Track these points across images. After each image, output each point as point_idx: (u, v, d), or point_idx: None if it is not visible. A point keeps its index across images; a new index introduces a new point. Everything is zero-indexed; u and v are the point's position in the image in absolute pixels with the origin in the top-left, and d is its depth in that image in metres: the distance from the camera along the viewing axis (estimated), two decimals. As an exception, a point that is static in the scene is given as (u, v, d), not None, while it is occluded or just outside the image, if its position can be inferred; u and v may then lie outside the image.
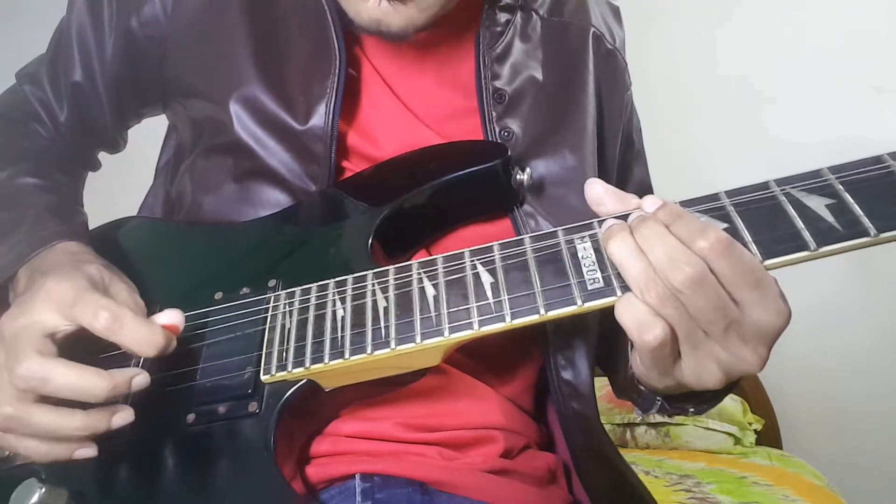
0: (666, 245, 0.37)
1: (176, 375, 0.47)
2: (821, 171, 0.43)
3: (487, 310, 0.43)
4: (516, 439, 0.54)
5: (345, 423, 0.49)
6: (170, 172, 0.65)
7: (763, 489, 1.57)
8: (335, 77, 0.56)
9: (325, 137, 0.55)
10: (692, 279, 0.36)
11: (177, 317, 0.44)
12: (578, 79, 0.62)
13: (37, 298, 0.42)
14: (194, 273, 0.56)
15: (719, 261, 0.37)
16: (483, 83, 0.58)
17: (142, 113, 0.68)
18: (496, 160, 0.55)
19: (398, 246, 0.55)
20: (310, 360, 0.45)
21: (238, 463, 0.43)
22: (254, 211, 0.57)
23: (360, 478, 0.47)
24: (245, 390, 0.45)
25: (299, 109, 0.56)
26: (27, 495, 0.42)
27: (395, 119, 0.58)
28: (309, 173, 0.56)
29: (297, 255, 0.53)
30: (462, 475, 0.48)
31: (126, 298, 0.46)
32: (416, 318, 0.44)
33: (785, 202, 0.42)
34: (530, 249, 0.45)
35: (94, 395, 0.41)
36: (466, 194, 0.56)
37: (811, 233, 0.40)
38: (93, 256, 0.51)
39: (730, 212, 0.42)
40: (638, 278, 0.38)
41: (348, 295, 0.47)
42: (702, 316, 0.37)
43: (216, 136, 0.58)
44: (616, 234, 0.40)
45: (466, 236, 0.56)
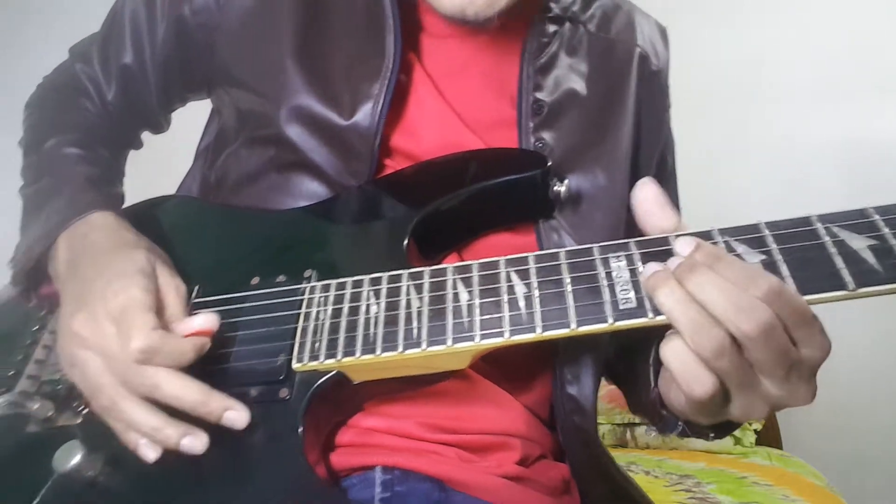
0: (728, 293, 0.37)
1: (211, 357, 0.48)
2: (866, 210, 0.43)
3: (519, 320, 0.44)
4: (532, 447, 0.55)
5: (369, 416, 0.50)
6: (210, 156, 0.66)
7: (763, 489, 1.56)
8: (386, 80, 0.56)
9: (370, 136, 0.56)
10: (765, 325, 0.36)
11: (210, 321, 0.46)
12: (619, 98, 0.62)
13: (97, 306, 0.45)
14: (233, 256, 0.57)
15: (778, 304, 0.37)
16: (524, 94, 0.59)
17: (187, 97, 0.70)
18: (536, 170, 0.55)
19: (431, 247, 0.56)
20: (342, 352, 0.46)
21: (266, 446, 0.45)
22: (293, 201, 0.58)
23: (381, 470, 0.48)
24: (277, 376, 0.47)
25: (344, 106, 0.57)
26: (69, 456, 0.44)
27: (441, 121, 0.59)
28: (349, 170, 0.57)
29: (334, 248, 0.55)
30: (479, 477, 0.49)
31: (167, 293, 0.48)
32: (448, 322, 0.45)
33: (826, 239, 0.42)
34: (565, 265, 0.45)
35: (192, 409, 0.44)
36: (503, 201, 0.57)
37: (851, 273, 0.40)
38: (134, 235, 0.53)
39: (769, 243, 0.43)
40: (693, 329, 0.37)
41: (383, 293, 0.48)
42: (765, 363, 0.37)
43: (260, 127, 0.59)
44: (663, 283, 0.39)
45: (494, 243, 0.57)
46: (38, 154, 0.62)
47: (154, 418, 0.43)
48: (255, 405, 0.46)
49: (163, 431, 0.43)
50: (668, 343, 0.39)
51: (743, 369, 0.38)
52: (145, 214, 0.63)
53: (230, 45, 0.61)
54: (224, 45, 0.62)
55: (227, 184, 0.62)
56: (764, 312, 0.36)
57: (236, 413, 0.44)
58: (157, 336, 0.43)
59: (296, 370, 0.47)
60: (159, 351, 0.43)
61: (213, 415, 0.44)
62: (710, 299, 0.37)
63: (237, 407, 0.45)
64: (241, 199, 0.61)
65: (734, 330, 0.37)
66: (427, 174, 0.58)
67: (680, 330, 0.38)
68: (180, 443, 0.44)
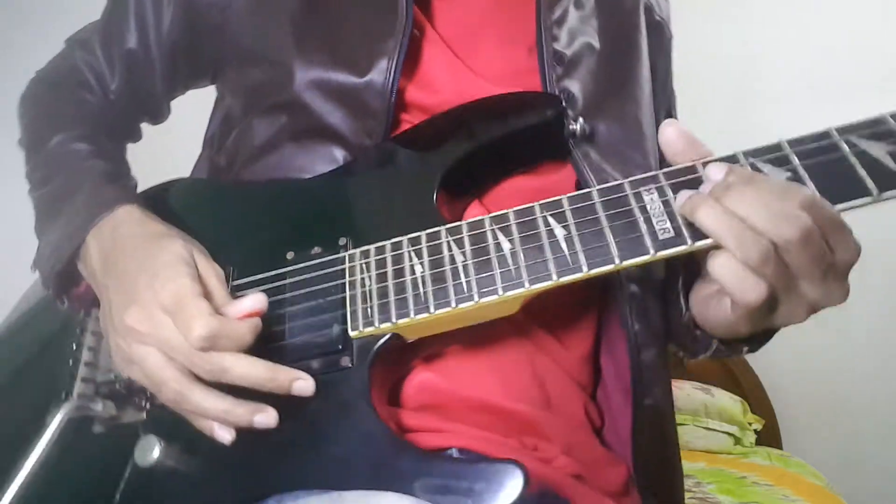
0: (767, 205, 0.39)
1: (265, 336, 0.49)
2: (882, 117, 0.45)
3: (564, 262, 0.46)
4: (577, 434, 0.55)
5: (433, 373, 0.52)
6: (216, 143, 0.65)
7: (763, 489, 1.59)
8: (400, 35, 0.56)
9: (385, 93, 0.56)
10: (805, 231, 0.39)
11: (260, 301, 0.47)
12: (632, 47, 0.64)
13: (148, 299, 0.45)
14: (262, 233, 0.57)
15: (813, 213, 0.39)
16: (544, 45, 0.59)
17: (191, 83, 0.69)
18: (552, 110, 0.56)
19: (457, 197, 0.57)
20: (396, 315, 0.47)
21: (339, 414, 0.47)
22: (311, 166, 0.58)
23: (456, 452, 0.49)
24: (336, 346, 0.48)
25: (359, 63, 0.56)
26: (150, 450, 0.45)
27: (455, 73, 0.59)
28: (365, 128, 0.57)
29: (364, 213, 0.55)
30: (546, 470, 0.51)
31: (216, 285, 0.48)
32: (496, 272, 0.46)
33: (846, 149, 0.44)
34: (599, 203, 0.47)
35: (261, 385, 0.44)
36: (521, 145, 0.57)
37: (874, 179, 0.42)
38: (164, 226, 0.52)
39: (792, 160, 0.45)
40: (738, 241, 0.39)
41: (424, 252, 0.49)
42: (804, 266, 0.40)
43: (272, 95, 0.58)
44: (702, 203, 0.41)
45: (518, 187, 0.58)
46: (45, 153, 0.60)
47: (223, 402, 0.45)
48: (320, 376, 0.47)
49: (234, 412, 0.45)
50: (715, 258, 0.41)
51: (787, 273, 0.40)
52: (163, 200, 0.62)
53: (241, 20, 0.60)
54: (235, 21, 0.60)
55: (240, 160, 0.61)
56: (804, 219, 0.39)
57: (304, 382, 0.46)
58: (216, 322, 0.43)
59: (353, 338, 0.48)
60: (221, 335, 0.43)
61: (283, 388, 0.45)
62: (752, 212, 0.40)
63: (303, 376, 0.46)
64: (256, 173, 0.60)
65: (776, 237, 0.39)
66: (444, 126, 0.58)
67: (725, 244, 0.40)
68: (253, 420, 0.45)
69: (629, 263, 0.45)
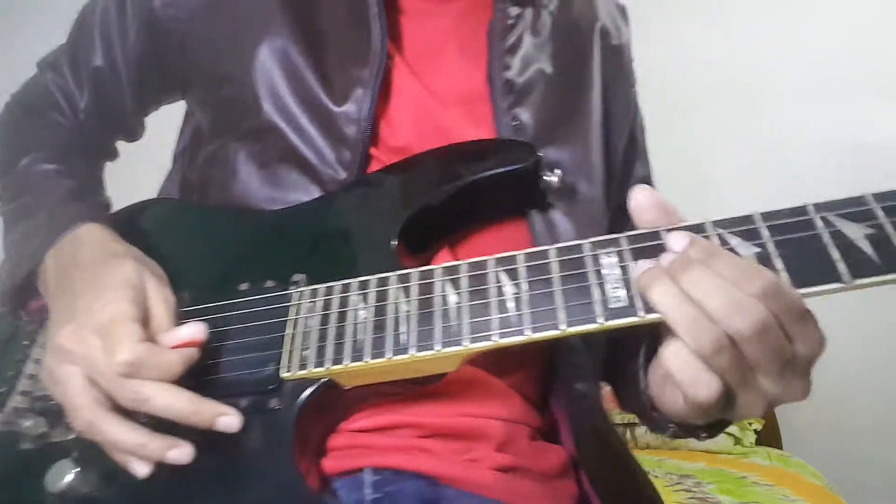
0: (723, 291, 0.36)
1: (200, 367, 0.48)
2: (864, 197, 0.41)
3: (508, 323, 0.43)
4: (518, 429, 0.54)
5: (359, 418, 0.50)
6: (187, 159, 0.65)
7: (763, 489, 1.56)
8: (375, 67, 0.56)
9: (360, 122, 0.55)
10: (760, 324, 0.35)
11: (198, 331, 0.46)
12: (585, 72, 0.63)
13: (84, 319, 0.44)
14: (222, 261, 0.56)
15: (773, 302, 0.36)
16: (495, 72, 0.59)
17: (161, 98, 0.69)
18: (526, 162, 0.54)
19: (422, 244, 0.55)
20: (330, 360, 0.45)
21: (257, 457, 0.45)
22: (282, 196, 0.57)
23: (370, 471, 0.48)
24: (266, 386, 0.46)
25: (336, 89, 0.56)
26: (61, 475, 0.44)
27: (416, 103, 0.58)
28: (339, 159, 0.56)
29: (322, 251, 0.54)
30: (470, 471, 0.49)
31: (154, 305, 0.47)
32: (436, 326, 0.44)
33: (822, 229, 0.40)
34: (555, 263, 0.44)
35: (183, 418, 0.43)
36: (493, 195, 0.56)
37: (847, 264, 0.39)
38: (123, 246, 0.52)
39: (763, 235, 0.41)
40: (690, 327, 0.36)
41: (371, 297, 0.47)
42: (761, 360, 0.36)
43: (244, 119, 0.58)
44: (656, 280, 0.38)
45: (488, 235, 0.56)
46: (13, 175, 0.61)
47: (136, 435, 0.43)
48: (246, 416, 0.45)
49: (148, 447, 0.43)
50: (667, 346, 0.38)
51: (741, 366, 0.37)
52: (131, 221, 0.62)
53: (204, 30, 0.60)
54: (199, 35, 0.60)
55: (211, 183, 0.61)
56: (759, 311, 0.35)
57: (229, 418, 0.44)
58: (142, 348, 0.42)
59: (284, 379, 0.46)
60: (145, 363, 0.42)
61: (207, 422, 0.44)
62: (707, 297, 0.36)
63: (229, 412, 0.44)
64: (226, 197, 0.60)
65: (729, 328, 0.36)
66: (415, 170, 0.56)
67: (676, 329, 0.37)
68: (166, 455, 0.43)
69: (575, 331, 0.42)
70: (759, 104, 2.12)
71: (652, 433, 0.54)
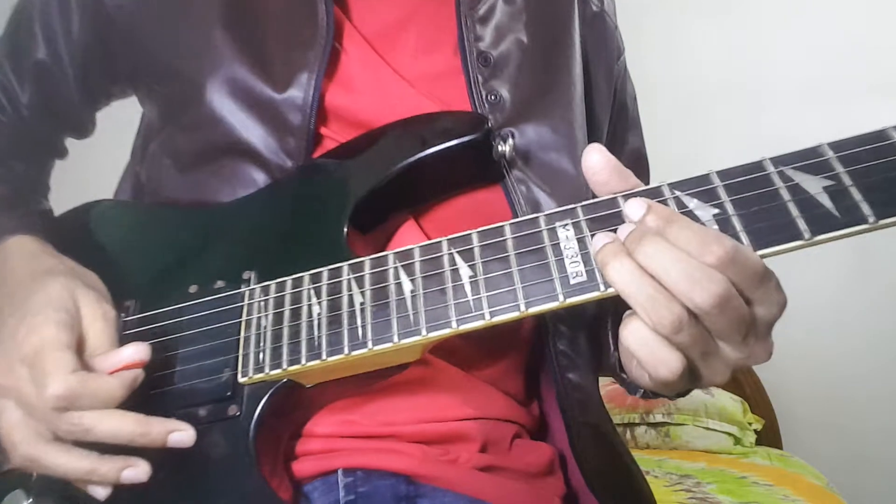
0: (680, 263, 0.34)
1: (155, 378, 0.46)
2: (820, 147, 0.40)
3: (466, 308, 0.41)
4: (502, 428, 0.53)
5: (324, 422, 0.49)
6: (138, 154, 0.62)
7: (763, 489, 1.57)
8: (321, 48, 0.52)
9: (306, 108, 0.52)
10: (720, 297, 0.34)
11: (141, 352, 0.43)
12: (564, 42, 0.59)
13: (11, 349, 0.41)
14: (168, 263, 0.54)
15: (732, 269, 0.35)
16: (466, 45, 0.55)
17: (111, 92, 0.65)
18: (474, 134, 0.51)
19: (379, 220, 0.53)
20: (287, 361, 0.44)
21: (221, 467, 0.43)
22: (230, 190, 0.54)
23: (342, 472, 0.47)
24: (224, 393, 0.45)
25: (277, 76, 0.53)
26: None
27: (379, 82, 0.55)
28: (284, 147, 0.53)
29: (272, 244, 0.51)
30: (447, 469, 0.48)
31: (91, 324, 0.44)
32: (392, 317, 0.42)
33: (780, 185, 0.39)
34: (511, 240, 0.43)
35: (132, 441, 0.41)
36: (446, 169, 0.53)
37: (806, 220, 0.38)
38: (54, 260, 0.49)
39: (720, 195, 0.40)
40: (648, 305, 0.35)
41: (324, 290, 0.45)
42: (722, 330, 0.35)
43: (186, 111, 0.55)
44: (612, 258, 0.36)
45: (459, 205, 0.54)
46: None
47: (83, 462, 0.41)
48: (206, 425, 0.44)
49: (98, 472, 0.41)
50: (626, 325, 0.37)
51: (703, 338, 0.36)
52: (71, 227, 0.59)
53: (152, 25, 0.56)
54: (145, 26, 0.57)
55: (159, 180, 0.58)
56: (717, 282, 0.34)
57: (182, 433, 0.42)
58: (74, 379, 0.39)
59: (243, 384, 0.45)
60: (80, 394, 0.39)
61: (158, 442, 0.42)
62: (662, 270, 0.35)
63: (181, 426, 0.42)
64: (174, 194, 0.57)
65: (688, 303, 0.34)
66: (360, 151, 0.54)
67: (634, 306, 0.36)
68: (121, 477, 0.42)
69: (536, 311, 0.40)
70: (759, 104, 2.11)
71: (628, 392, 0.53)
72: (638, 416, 1.93)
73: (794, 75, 2.10)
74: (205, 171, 0.55)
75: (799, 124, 2.02)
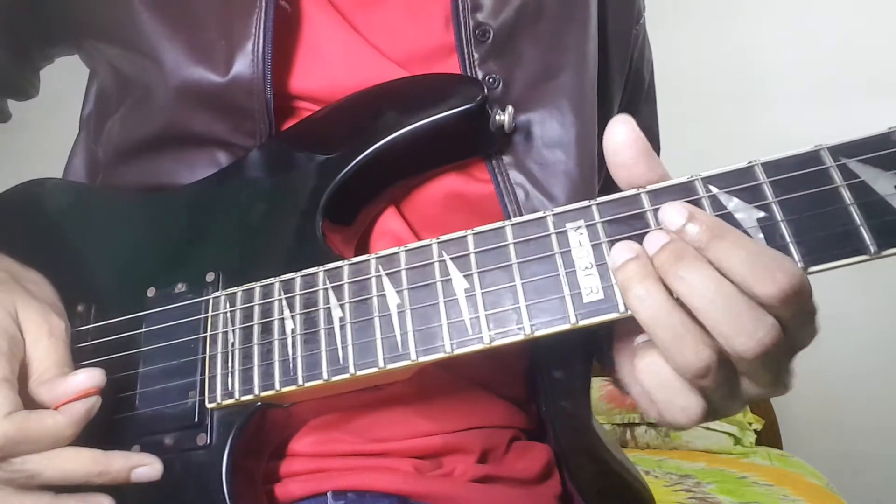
0: (727, 301, 0.28)
1: (115, 401, 0.41)
2: (894, 133, 0.32)
3: (462, 329, 0.36)
4: (499, 435, 0.49)
5: (309, 440, 0.44)
6: (93, 126, 0.54)
7: (763, 489, 1.56)
8: (261, 12, 0.43)
9: (257, 87, 0.44)
10: (766, 347, 0.28)
11: (95, 378, 0.37)
12: (579, 8, 0.49)
13: None
14: (123, 259, 0.47)
15: (792, 304, 0.28)
16: (461, 16, 0.45)
17: (50, 53, 0.57)
18: (469, 102, 0.43)
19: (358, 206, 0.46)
20: (259, 387, 0.38)
21: (193, 499, 0.39)
22: (189, 174, 0.47)
23: (332, 495, 0.43)
24: (191, 420, 0.40)
25: (218, 58, 0.44)
26: None
27: (353, 51, 0.46)
28: (245, 129, 0.45)
29: (237, 239, 0.44)
30: (442, 485, 0.44)
31: (36, 341, 0.38)
32: (377, 338, 0.37)
33: (840, 182, 0.32)
34: (514, 246, 0.36)
35: (88, 482, 0.36)
36: (434, 143, 0.45)
37: (872, 230, 0.31)
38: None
39: (766, 194, 0.33)
40: (672, 346, 0.29)
41: (297, 301, 0.39)
42: (754, 372, 0.30)
43: (141, 92, 0.48)
44: (637, 282, 0.29)
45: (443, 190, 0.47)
46: None
47: (40, 501, 0.36)
48: (173, 455, 0.39)
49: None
50: (643, 358, 0.31)
51: (728, 381, 0.30)
52: (14, 209, 0.52)
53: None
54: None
55: (116, 159, 0.51)
56: (768, 330, 0.28)
57: (146, 468, 0.38)
58: (11, 426, 0.34)
59: (211, 409, 0.40)
60: (19, 441, 0.34)
61: (120, 479, 0.37)
62: (701, 307, 0.28)
63: (145, 460, 0.38)
64: (132, 176, 0.49)
65: (726, 347, 0.29)
66: (337, 123, 0.46)
67: (655, 341, 0.30)
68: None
69: (543, 334, 0.35)
70: (759, 104, 2.05)
71: None
72: (638, 416, 1.93)
73: (794, 75, 2.07)
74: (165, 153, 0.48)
75: (799, 124, 1.95)
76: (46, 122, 0.75)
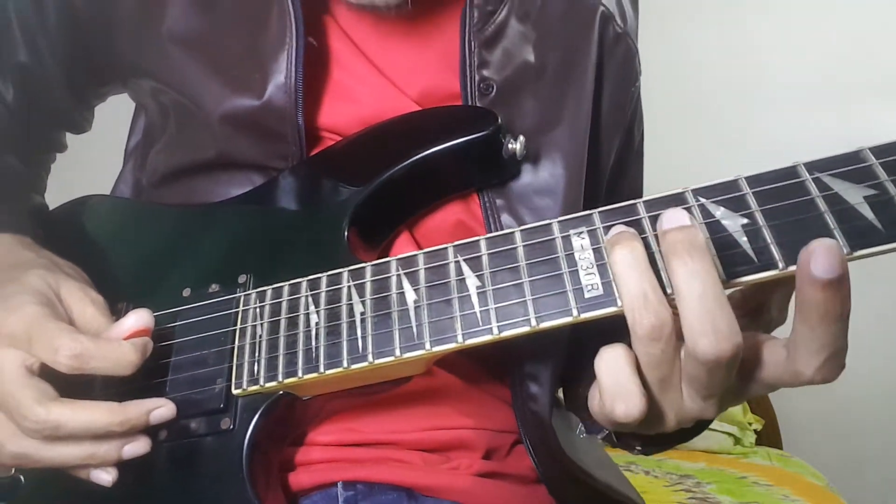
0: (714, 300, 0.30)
1: (145, 388, 0.44)
2: (862, 153, 0.36)
3: (473, 321, 0.39)
4: (502, 437, 0.51)
5: (324, 430, 0.46)
6: (139, 157, 0.60)
7: (763, 489, 1.56)
8: (292, 46, 0.49)
9: (289, 113, 0.49)
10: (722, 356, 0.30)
11: (144, 318, 0.41)
12: (578, 67, 0.53)
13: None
14: (161, 264, 0.51)
15: None
16: (468, 71, 0.50)
17: (103, 92, 0.63)
18: (484, 130, 0.48)
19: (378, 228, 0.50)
20: (283, 374, 0.41)
21: (211, 482, 0.41)
22: (226, 192, 0.52)
23: (342, 486, 0.45)
24: (217, 405, 0.42)
25: (255, 87, 0.49)
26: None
27: (376, 87, 0.51)
28: (278, 152, 0.50)
29: (269, 246, 0.49)
30: (448, 478, 0.46)
31: (81, 311, 0.42)
32: (394, 329, 0.40)
33: (816, 194, 0.36)
34: (522, 248, 0.40)
35: (110, 431, 0.38)
36: (450, 169, 0.50)
37: (845, 233, 0.34)
38: (33, 254, 0.47)
39: (750, 203, 0.37)
40: (637, 302, 0.31)
41: (322, 298, 0.43)
42: (700, 380, 0.32)
43: (182, 122, 0.53)
44: (627, 240, 0.32)
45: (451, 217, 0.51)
46: None
47: (79, 449, 0.39)
48: (197, 438, 0.42)
49: (98, 455, 0.39)
50: (604, 352, 0.34)
51: (671, 380, 0.32)
52: (64, 221, 0.57)
53: (127, 28, 0.54)
54: (120, 28, 0.54)
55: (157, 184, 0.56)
56: (734, 346, 0.30)
57: (162, 409, 0.40)
58: (86, 338, 0.37)
59: (236, 396, 0.43)
60: (94, 356, 0.37)
61: (139, 425, 0.40)
62: (689, 295, 0.31)
63: (159, 402, 0.41)
64: (172, 196, 0.54)
65: (688, 341, 0.31)
66: (363, 148, 0.51)
67: (621, 296, 0.32)
68: (123, 454, 0.40)
69: (548, 326, 0.38)
70: (759, 104, 2.08)
71: (589, 434, 0.48)
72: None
73: (794, 75, 2.09)
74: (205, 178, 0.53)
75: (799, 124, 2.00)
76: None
